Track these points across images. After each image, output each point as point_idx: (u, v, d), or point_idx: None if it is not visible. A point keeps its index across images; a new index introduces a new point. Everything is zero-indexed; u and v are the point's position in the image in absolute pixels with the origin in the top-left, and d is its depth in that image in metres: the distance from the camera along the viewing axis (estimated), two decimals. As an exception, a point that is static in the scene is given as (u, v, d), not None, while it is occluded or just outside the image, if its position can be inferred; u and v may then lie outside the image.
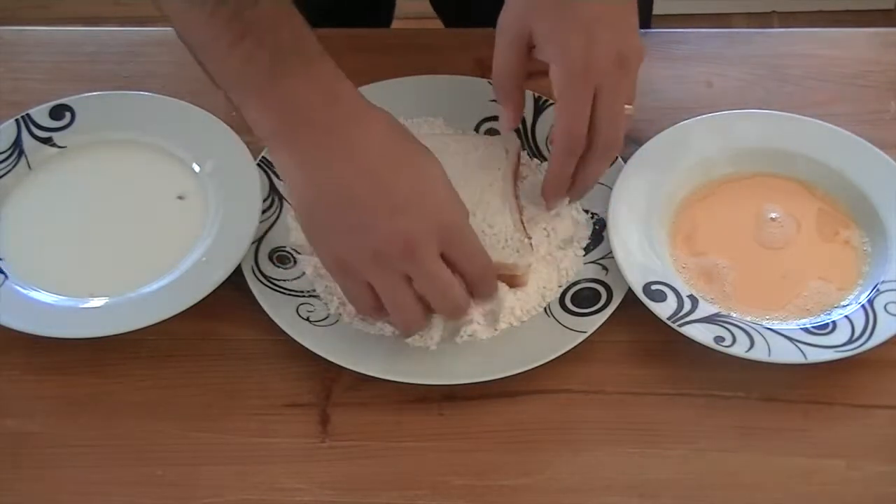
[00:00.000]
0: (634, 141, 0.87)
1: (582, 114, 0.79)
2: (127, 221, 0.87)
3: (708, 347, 0.77)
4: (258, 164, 0.88)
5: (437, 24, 1.21)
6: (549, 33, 0.79)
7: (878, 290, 0.80)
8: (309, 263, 0.84)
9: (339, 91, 0.74)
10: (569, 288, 0.83)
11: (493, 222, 0.83)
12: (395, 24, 1.27)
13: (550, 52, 0.79)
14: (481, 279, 0.77)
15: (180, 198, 0.88)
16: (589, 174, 0.83)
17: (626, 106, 0.80)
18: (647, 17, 1.13)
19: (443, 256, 0.74)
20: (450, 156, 0.86)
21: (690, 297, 0.80)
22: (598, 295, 0.82)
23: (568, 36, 0.78)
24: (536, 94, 0.92)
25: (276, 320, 0.80)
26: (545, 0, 0.79)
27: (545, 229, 0.85)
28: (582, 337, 0.79)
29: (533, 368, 0.78)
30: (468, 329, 0.80)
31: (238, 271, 0.82)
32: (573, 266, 0.84)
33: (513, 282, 0.82)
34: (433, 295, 0.75)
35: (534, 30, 0.80)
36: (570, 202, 0.86)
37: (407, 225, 0.72)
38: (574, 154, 0.81)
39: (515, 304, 0.81)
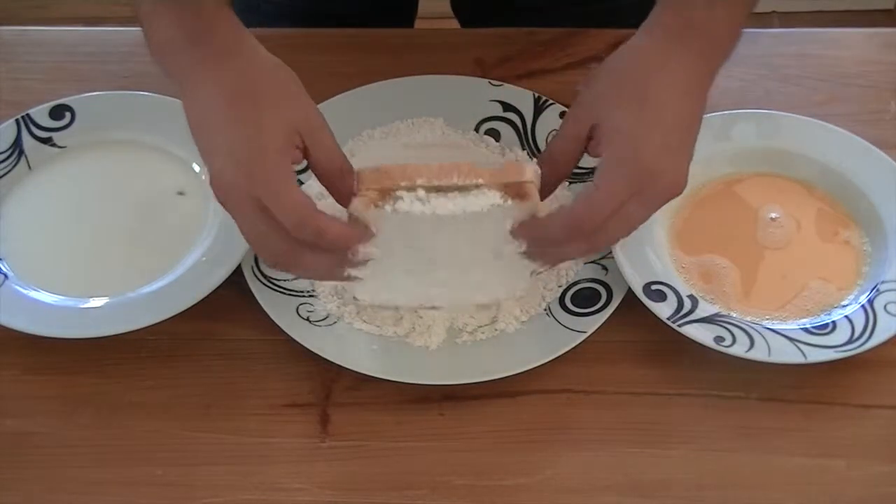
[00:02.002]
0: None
1: (609, 207, 0.71)
2: (127, 221, 0.87)
3: (708, 347, 0.77)
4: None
5: (454, 24, 1.21)
6: (619, 122, 0.72)
7: (878, 290, 0.80)
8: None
9: (211, 27, 0.75)
10: (569, 288, 0.83)
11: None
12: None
13: (611, 138, 0.72)
14: (301, 229, 0.71)
15: (180, 193, 0.88)
16: (564, 256, 0.78)
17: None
18: None
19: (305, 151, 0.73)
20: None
21: (690, 297, 0.80)
22: (598, 295, 0.82)
23: (637, 128, 0.72)
24: (536, 94, 0.92)
25: (276, 320, 0.80)
26: (626, 94, 0.73)
27: None
28: (582, 337, 0.79)
29: (533, 368, 0.78)
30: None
31: (238, 271, 0.82)
32: (573, 266, 0.84)
33: (521, 190, 0.73)
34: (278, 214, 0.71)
35: (603, 118, 0.73)
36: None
37: (221, 179, 0.71)
38: (576, 237, 0.73)
39: (515, 305, 0.81)
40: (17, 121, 0.91)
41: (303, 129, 0.72)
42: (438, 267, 0.76)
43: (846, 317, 0.79)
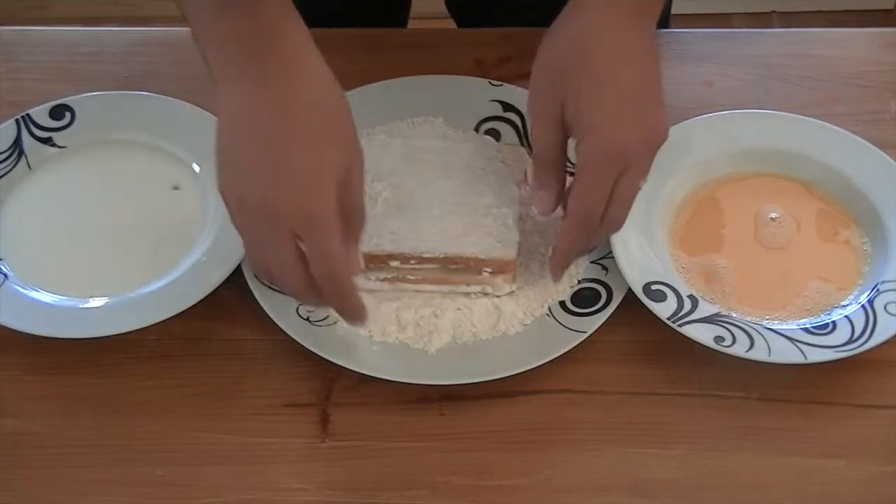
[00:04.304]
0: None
1: (603, 197, 0.75)
2: (127, 221, 0.87)
3: (708, 347, 0.77)
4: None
5: (450, 24, 1.21)
6: (584, 111, 0.75)
7: (878, 290, 0.80)
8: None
9: (276, 32, 0.71)
10: (569, 288, 0.83)
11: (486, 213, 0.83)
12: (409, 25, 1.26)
13: (583, 130, 0.75)
14: (325, 278, 0.72)
15: (175, 188, 0.88)
16: (584, 246, 0.80)
17: (640, 181, 0.77)
18: (666, 17, 1.13)
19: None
20: (452, 154, 0.87)
21: (690, 297, 0.80)
22: (598, 295, 0.82)
23: (604, 117, 0.74)
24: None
25: (276, 320, 0.80)
26: (581, 72, 0.75)
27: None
28: (582, 337, 0.79)
29: (533, 368, 0.78)
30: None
31: (238, 271, 0.82)
32: (580, 264, 0.83)
33: (502, 269, 0.81)
34: (272, 265, 0.73)
35: (567, 103, 0.75)
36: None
37: (267, 194, 0.70)
38: (587, 232, 0.78)
39: (517, 309, 0.81)
40: (17, 121, 0.91)
41: (299, 222, 0.70)
42: (429, 205, 0.81)
43: (846, 317, 0.79)
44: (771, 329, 0.79)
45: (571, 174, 0.80)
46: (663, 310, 0.79)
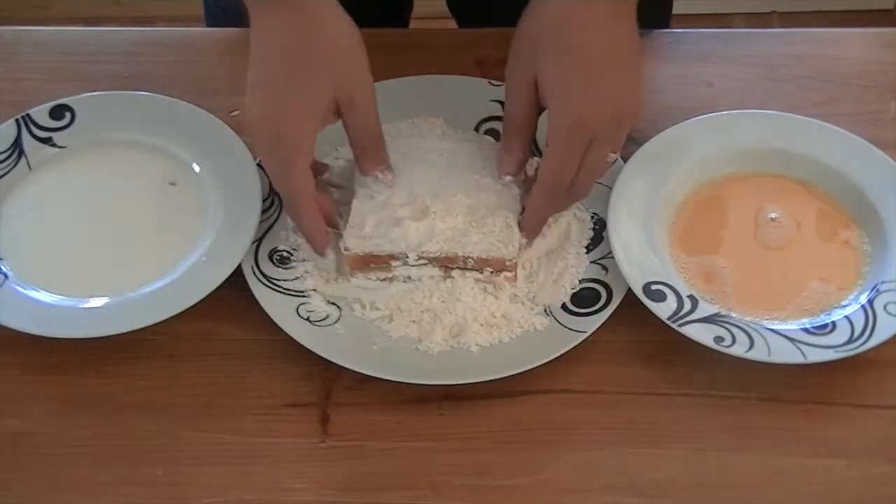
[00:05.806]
0: (634, 141, 0.87)
1: (570, 165, 0.78)
2: (127, 221, 0.87)
3: (708, 347, 0.77)
4: (258, 164, 0.88)
5: (451, 24, 1.21)
6: (552, 79, 0.77)
7: (878, 290, 0.80)
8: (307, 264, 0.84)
9: None
10: (569, 288, 0.83)
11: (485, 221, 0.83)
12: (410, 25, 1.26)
13: (550, 99, 0.78)
14: (286, 200, 0.81)
15: (172, 184, 0.88)
16: (552, 211, 0.84)
17: (611, 154, 0.79)
18: (667, 17, 1.13)
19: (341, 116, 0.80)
20: (452, 154, 0.87)
21: (690, 297, 0.80)
22: (598, 295, 0.82)
23: (570, 86, 0.77)
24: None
25: (276, 320, 0.80)
26: (552, 43, 0.77)
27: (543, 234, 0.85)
28: (582, 337, 0.79)
29: (533, 368, 0.78)
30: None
31: (238, 271, 0.82)
32: (580, 263, 0.83)
33: (503, 268, 0.81)
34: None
35: (538, 72, 0.78)
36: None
37: (264, 119, 0.78)
38: (556, 198, 0.81)
39: (517, 309, 0.81)
40: (17, 121, 0.91)
41: (341, 98, 0.79)
42: (430, 205, 0.82)
43: (846, 317, 0.79)
44: (771, 329, 0.79)
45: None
46: (663, 310, 0.79)
